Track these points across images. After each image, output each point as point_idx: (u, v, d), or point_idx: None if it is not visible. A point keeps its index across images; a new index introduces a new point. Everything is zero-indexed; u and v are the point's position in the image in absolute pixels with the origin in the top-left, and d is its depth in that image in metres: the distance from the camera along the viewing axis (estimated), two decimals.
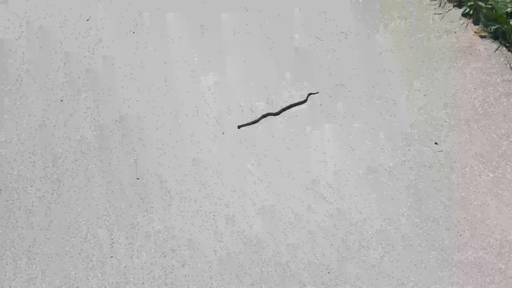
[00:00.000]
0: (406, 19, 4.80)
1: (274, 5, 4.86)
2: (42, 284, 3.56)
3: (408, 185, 3.95)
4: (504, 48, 4.55)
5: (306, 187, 3.94)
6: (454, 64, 4.52)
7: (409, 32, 4.74)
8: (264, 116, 4.20)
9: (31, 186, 3.89)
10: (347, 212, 3.85)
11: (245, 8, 4.84)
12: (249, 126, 4.15)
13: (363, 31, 4.72)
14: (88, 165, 3.99)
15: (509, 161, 4.06)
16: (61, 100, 3.77)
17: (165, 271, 3.64)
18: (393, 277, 3.65)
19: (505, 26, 4.51)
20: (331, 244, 3.73)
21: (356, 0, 4.95)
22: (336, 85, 4.41)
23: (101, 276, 3.60)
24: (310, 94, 4.31)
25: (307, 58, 4.57)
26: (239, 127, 4.15)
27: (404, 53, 4.62)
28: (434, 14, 4.72)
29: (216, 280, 3.61)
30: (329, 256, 3.70)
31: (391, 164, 4.04)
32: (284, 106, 4.26)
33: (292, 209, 3.85)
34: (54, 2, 4.84)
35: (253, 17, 4.78)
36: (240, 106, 4.31)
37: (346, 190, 3.93)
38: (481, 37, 4.63)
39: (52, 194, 3.87)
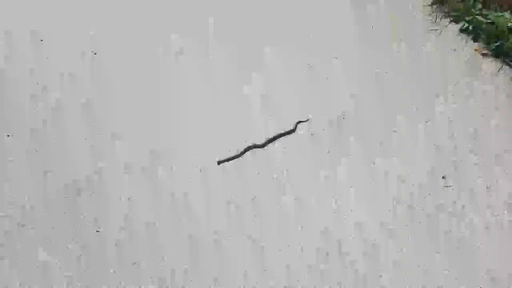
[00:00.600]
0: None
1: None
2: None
3: None
4: (507, 67, 4.23)
5: None
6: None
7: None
8: (248, 149, 3.93)
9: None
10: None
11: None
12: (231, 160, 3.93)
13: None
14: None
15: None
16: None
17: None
18: None
19: (508, 42, 4.19)
20: None
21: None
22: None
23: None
24: (299, 122, 4.01)
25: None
26: (219, 162, 3.90)
27: None
28: (430, 30, 4.55)
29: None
30: None
31: None
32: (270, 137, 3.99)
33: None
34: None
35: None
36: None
37: None
38: (483, 55, 4.37)
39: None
